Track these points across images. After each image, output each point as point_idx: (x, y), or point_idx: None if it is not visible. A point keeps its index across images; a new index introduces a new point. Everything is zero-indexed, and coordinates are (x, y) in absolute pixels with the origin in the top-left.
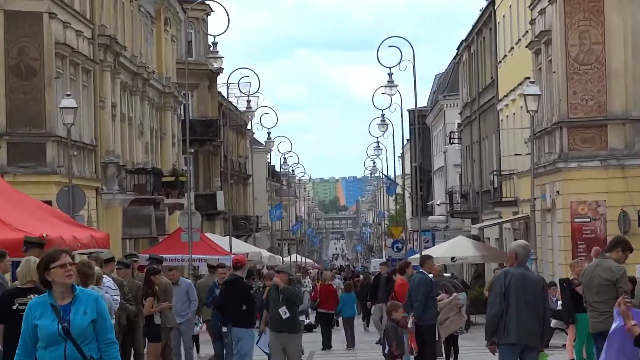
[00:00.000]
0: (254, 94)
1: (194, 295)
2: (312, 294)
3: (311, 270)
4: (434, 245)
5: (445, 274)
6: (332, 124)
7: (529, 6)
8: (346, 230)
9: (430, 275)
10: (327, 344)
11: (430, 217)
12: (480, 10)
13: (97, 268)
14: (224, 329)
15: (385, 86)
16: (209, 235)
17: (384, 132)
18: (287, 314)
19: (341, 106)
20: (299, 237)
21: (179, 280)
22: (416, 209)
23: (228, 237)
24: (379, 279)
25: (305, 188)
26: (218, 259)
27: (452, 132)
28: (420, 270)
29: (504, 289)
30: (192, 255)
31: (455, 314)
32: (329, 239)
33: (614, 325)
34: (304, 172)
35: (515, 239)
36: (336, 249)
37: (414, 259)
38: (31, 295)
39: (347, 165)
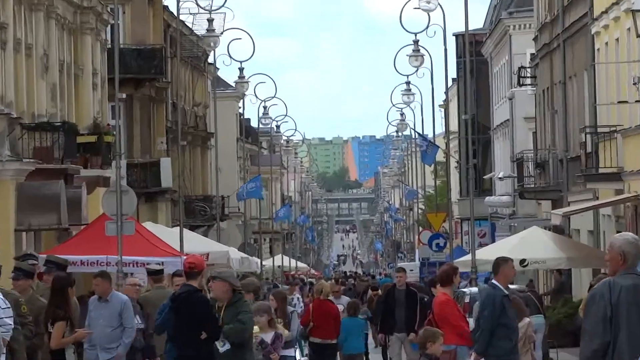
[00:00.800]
0: (218, 9)
1: (129, 319)
2: (304, 316)
3: (304, 279)
4: (493, 241)
5: (511, 285)
6: (337, 56)
7: None
8: (359, 219)
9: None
10: None
11: (488, 199)
12: None
13: None
14: None
15: None
16: (149, 226)
17: (417, 67)
18: (225, 346)
19: (351, 29)
20: (288, 229)
21: (109, 295)
22: (467, 186)
23: (178, 228)
24: (394, 294)
25: (296, 154)
26: (162, 263)
27: (521, 68)
28: (492, 281)
29: (609, 310)
30: (124, 257)
31: (527, 351)
32: (332, 232)
33: None
34: (295, 130)
35: (618, 232)
36: (344, 247)
37: (463, 262)
38: None
39: (360, 120)
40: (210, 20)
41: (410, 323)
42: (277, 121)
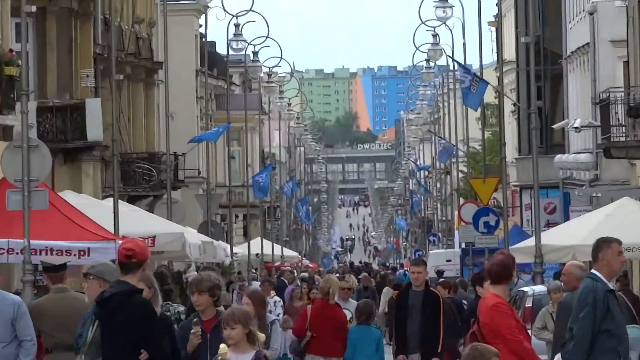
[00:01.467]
0: None
1: (26, 329)
2: (297, 322)
3: (293, 273)
4: (566, 218)
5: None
6: None
7: None
8: (373, 187)
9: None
10: None
11: (559, 158)
12: None
13: None
14: None
15: None
16: (69, 197)
17: None
18: None
19: None
20: (271, 200)
21: None
22: (529, 139)
23: (111, 200)
24: (406, 298)
25: (282, 93)
26: (86, 251)
27: None
28: (592, 271)
29: None
30: (32, 242)
31: None
32: (334, 206)
33: None
34: (281, 58)
35: None
36: (351, 227)
37: (523, 250)
38: None
39: (373, 45)
40: None
41: (429, 340)
42: (254, 45)
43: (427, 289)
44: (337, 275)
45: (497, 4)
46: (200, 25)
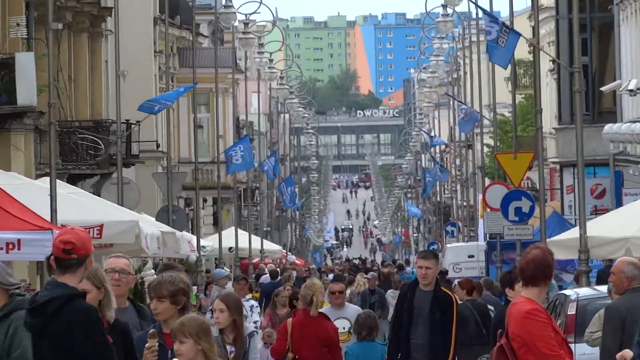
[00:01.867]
0: None
1: None
2: (276, 340)
3: (276, 271)
4: (619, 203)
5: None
6: None
7: None
8: (376, 163)
9: None
10: None
11: (608, 127)
12: None
13: None
14: None
15: None
16: None
17: None
18: None
19: None
20: (248, 181)
21: None
22: (571, 105)
23: (47, 179)
24: (412, 299)
25: (262, 46)
26: (14, 243)
27: None
28: None
29: None
30: None
31: None
32: (327, 187)
33: None
34: (260, 3)
35: None
36: (349, 214)
37: (564, 243)
38: None
39: None
40: None
41: (437, 354)
42: None
43: (438, 289)
44: (328, 276)
45: None
46: None
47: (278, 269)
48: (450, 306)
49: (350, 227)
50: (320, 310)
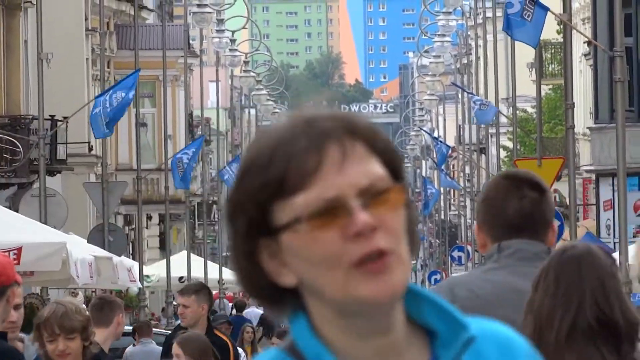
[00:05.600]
0: None
1: None
2: None
3: (228, 298)
4: None
5: None
6: None
7: None
8: None
9: None
10: None
11: None
12: None
13: None
14: None
15: None
16: None
17: None
18: None
19: None
20: (203, 193)
21: None
22: (611, 98)
23: None
24: None
25: (221, 22)
26: None
27: None
28: None
29: None
30: None
31: None
32: None
33: None
34: None
35: None
36: None
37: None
38: None
39: None
40: None
41: None
42: None
43: (210, 333)
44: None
45: None
46: None
47: (246, 300)
48: (226, 353)
49: None
50: None
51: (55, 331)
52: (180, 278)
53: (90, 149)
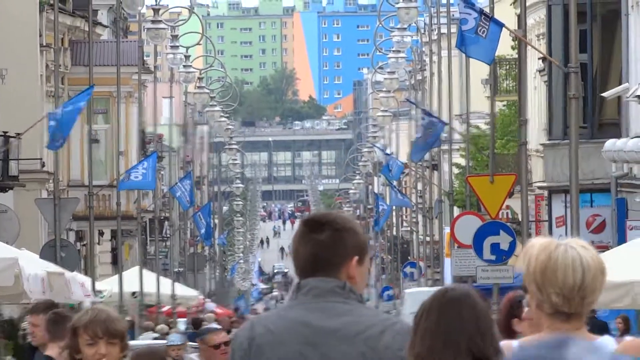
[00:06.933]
0: None
1: None
2: None
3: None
4: (622, 239)
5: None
6: None
7: None
8: (316, 188)
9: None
10: None
11: (611, 144)
12: None
13: None
14: None
15: None
16: None
17: None
18: None
19: None
20: (155, 209)
21: None
22: (564, 115)
23: None
24: None
25: (175, 38)
26: None
27: None
28: None
29: None
30: None
31: None
32: (255, 218)
33: None
34: None
35: None
36: (283, 252)
37: None
38: None
39: None
40: None
41: None
42: None
43: None
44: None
45: None
46: None
47: (203, 316)
48: None
49: (285, 270)
50: None
51: (98, 334)
52: (133, 293)
53: (42, 165)
